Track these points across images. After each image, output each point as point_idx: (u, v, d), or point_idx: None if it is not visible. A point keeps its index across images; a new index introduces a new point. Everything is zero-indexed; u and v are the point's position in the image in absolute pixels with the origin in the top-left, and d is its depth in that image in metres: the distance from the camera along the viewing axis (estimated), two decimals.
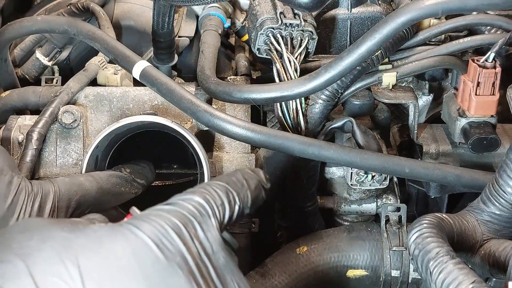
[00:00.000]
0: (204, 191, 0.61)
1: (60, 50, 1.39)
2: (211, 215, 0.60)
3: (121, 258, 0.53)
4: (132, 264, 0.53)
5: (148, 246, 0.54)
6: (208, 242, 0.58)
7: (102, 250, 0.54)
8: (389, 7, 1.21)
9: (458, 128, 1.07)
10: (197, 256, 0.57)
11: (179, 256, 0.55)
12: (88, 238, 0.55)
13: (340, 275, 1.06)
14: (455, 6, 0.84)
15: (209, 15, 1.37)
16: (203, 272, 0.57)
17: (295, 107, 1.04)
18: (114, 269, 0.53)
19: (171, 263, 0.55)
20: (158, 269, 0.54)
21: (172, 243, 0.55)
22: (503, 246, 0.82)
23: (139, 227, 0.56)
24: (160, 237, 0.55)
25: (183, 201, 0.59)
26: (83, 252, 0.53)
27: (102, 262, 0.53)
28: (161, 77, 1.02)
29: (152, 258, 0.54)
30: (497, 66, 1.01)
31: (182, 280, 0.55)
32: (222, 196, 0.62)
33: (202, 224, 0.59)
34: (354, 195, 1.13)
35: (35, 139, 1.05)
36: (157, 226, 0.56)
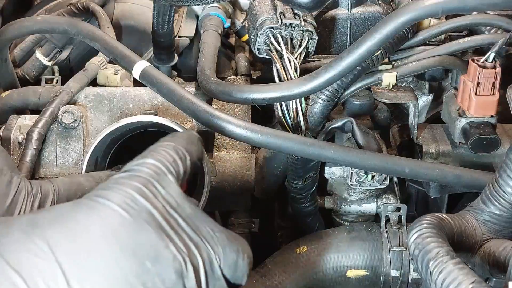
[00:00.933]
0: (154, 153, 0.63)
1: (60, 50, 1.39)
2: (166, 172, 0.61)
3: (88, 225, 0.54)
4: (100, 229, 0.54)
5: (114, 210, 0.55)
6: (170, 196, 0.59)
7: (68, 221, 0.54)
8: (389, 7, 1.21)
9: (458, 128, 1.07)
10: (163, 210, 0.58)
11: (145, 213, 0.56)
12: (53, 214, 0.56)
13: (340, 275, 1.06)
14: (455, 6, 0.84)
15: (209, 15, 1.37)
16: (172, 224, 0.57)
17: (295, 107, 1.03)
18: (83, 236, 0.53)
19: (138, 220, 0.55)
20: (127, 230, 0.55)
21: (136, 203, 0.56)
22: (503, 246, 0.82)
23: (102, 195, 0.57)
24: (123, 199, 0.56)
25: (137, 166, 0.61)
26: (50, 227, 0.53)
27: (69, 232, 0.53)
28: (161, 77, 1.02)
29: (119, 220, 0.55)
30: (497, 66, 1.01)
31: (153, 234, 0.55)
32: (172, 153, 0.63)
33: (161, 182, 0.60)
34: (354, 195, 1.13)
35: (35, 139, 1.05)
36: (119, 191, 0.57)
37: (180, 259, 0.56)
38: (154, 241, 0.55)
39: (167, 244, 0.56)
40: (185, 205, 0.60)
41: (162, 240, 0.56)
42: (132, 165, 0.61)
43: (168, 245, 0.56)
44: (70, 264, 0.51)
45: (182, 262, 0.56)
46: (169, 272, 0.55)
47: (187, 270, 0.56)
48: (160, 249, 0.55)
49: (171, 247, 0.56)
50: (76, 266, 0.51)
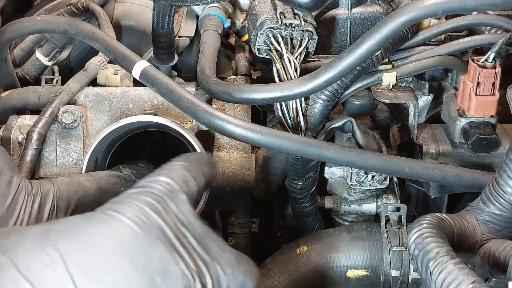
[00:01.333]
0: (167, 172, 0.63)
1: (60, 50, 1.39)
2: (179, 190, 0.61)
3: (100, 238, 0.54)
4: (112, 242, 0.54)
5: (125, 224, 0.56)
6: (182, 214, 0.60)
7: (80, 233, 0.55)
8: (389, 7, 1.21)
9: (458, 128, 1.07)
10: (175, 227, 0.58)
11: (157, 229, 0.56)
12: (66, 225, 0.56)
13: (340, 275, 1.06)
14: (455, 6, 0.84)
15: (209, 15, 1.37)
16: (183, 241, 0.58)
17: (295, 107, 1.03)
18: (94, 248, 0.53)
19: (150, 236, 0.56)
20: (138, 244, 0.55)
21: (149, 218, 0.57)
22: (503, 246, 0.82)
23: (114, 209, 0.57)
24: (136, 214, 0.57)
25: (151, 183, 0.61)
26: (62, 238, 0.54)
27: (82, 244, 0.53)
28: (161, 77, 1.02)
29: (131, 234, 0.55)
30: (497, 66, 1.01)
31: (163, 250, 0.56)
32: (185, 173, 0.64)
33: (174, 199, 0.60)
34: (354, 195, 1.13)
35: (35, 139, 1.05)
36: (132, 205, 0.57)
37: (189, 276, 0.56)
38: (165, 257, 0.55)
39: (177, 260, 0.56)
40: (196, 224, 0.60)
41: (172, 256, 0.56)
42: (145, 182, 0.62)
43: (178, 261, 0.56)
44: (80, 275, 0.51)
45: (191, 279, 0.56)
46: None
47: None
48: (170, 265, 0.55)
49: (180, 264, 0.56)
50: (86, 277, 0.52)
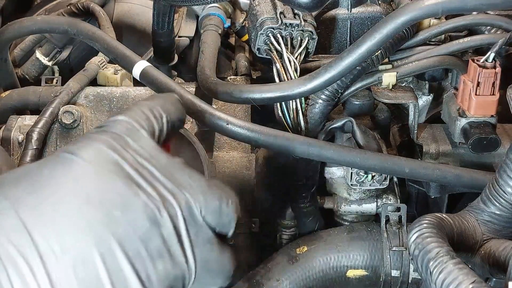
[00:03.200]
0: (126, 111, 0.61)
1: (60, 50, 1.39)
2: (139, 127, 0.59)
3: (51, 178, 0.53)
4: (64, 181, 0.53)
5: (78, 162, 0.54)
6: (142, 149, 0.57)
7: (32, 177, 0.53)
8: (389, 7, 1.21)
9: (458, 128, 1.07)
10: (133, 161, 0.56)
11: (112, 164, 0.55)
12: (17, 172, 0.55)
13: (340, 275, 1.06)
14: (455, 6, 0.84)
15: (209, 15, 1.37)
16: (143, 173, 0.56)
17: (295, 107, 1.04)
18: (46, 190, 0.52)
19: (103, 171, 0.54)
20: (92, 180, 0.53)
21: (102, 155, 0.55)
22: (503, 246, 0.82)
23: (68, 150, 0.55)
24: (89, 152, 0.55)
25: (109, 123, 0.59)
26: (11, 184, 0.53)
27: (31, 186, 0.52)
28: (161, 77, 1.02)
29: (83, 171, 0.54)
30: (497, 66, 1.01)
31: (120, 184, 0.54)
32: (146, 111, 0.61)
33: (132, 136, 0.58)
34: (354, 195, 1.13)
35: (35, 139, 1.05)
36: (86, 145, 0.56)
37: (152, 207, 0.54)
38: (122, 190, 0.54)
39: (137, 192, 0.54)
40: (159, 157, 0.58)
41: (130, 188, 0.54)
42: (104, 122, 0.60)
43: (137, 193, 0.54)
44: (32, 218, 0.50)
45: (156, 210, 0.54)
46: (140, 219, 0.53)
47: (162, 218, 0.54)
48: (129, 197, 0.54)
49: (141, 195, 0.54)
50: (38, 219, 0.50)
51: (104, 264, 0.51)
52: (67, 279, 0.49)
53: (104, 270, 0.51)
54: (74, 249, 0.50)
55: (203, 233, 0.57)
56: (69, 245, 0.50)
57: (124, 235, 0.52)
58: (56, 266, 0.49)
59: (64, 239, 0.50)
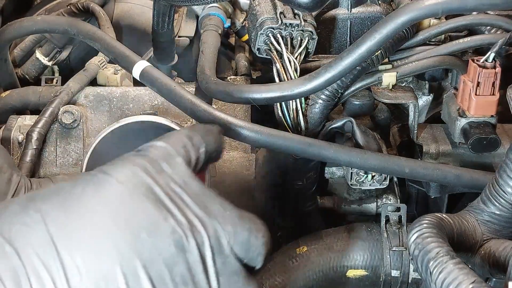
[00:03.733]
0: (164, 138, 0.61)
1: (60, 50, 1.39)
2: (175, 154, 0.59)
3: (83, 197, 0.53)
4: (94, 200, 0.53)
5: (110, 182, 0.54)
6: (176, 175, 0.58)
7: (64, 194, 0.54)
8: (389, 7, 1.21)
9: (458, 128, 1.07)
10: (165, 185, 0.56)
11: (144, 187, 0.55)
12: (51, 189, 0.55)
13: (340, 275, 1.06)
14: (455, 6, 0.84)
15: (209, 15, 1.37)
16: (174, 199, 0.56)
17: (295, 107, 1.03)
18: (76, 207, 0.53)
19: (136, 193, 0.54)
20: (122, 200, 0.54)
21: (136, 177, 0.55)
22: (503, 246, 0.82)
23: (102, 170, 0.56)
24: (123, 173, 0.55)
25: (147, 147, 0.60)
26: (45, 199, 0.53)
27: (64, 204, 0.53)
28: (161, 77, 1.02)
29: (115, 191, 0.54)
30: (497, 66, 1.01)
31: (150, 206, 0.54)
32: (184, 139, 0.62)
33: (168, 161, 0.58)
34: (354, 195, 1.13)
35: (35, 139, 1.05)
36: (120, 166, 0.56)
37: (180, 232, 0.54)
38: (151, 213, 0.54)
39: (166, 216, 0.54)
40: (192, 184, 0.58)
41: (159, 212, 0.54)
42: (142, 146, 0.60)
43: (167, 217, 0.54)
44: (60, 233, 0.51)
45: (183, 236, 0.54)
46: (166, 244, 0.53)
47: (189, 244, 0.54)
48: (158, 221, 0.53)
49: (170, 220, 0.54)
50: (66, 234, 0.51)
51: (126, 285, 0.51)
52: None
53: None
54: (98, 267, 0.50)
55: (230, 264, 0.57)
56: (93, 263, 0.50)
57: (149, 258, 0.52)
58: (79, 282, 0.50)
59: (89, 256, 0.51)
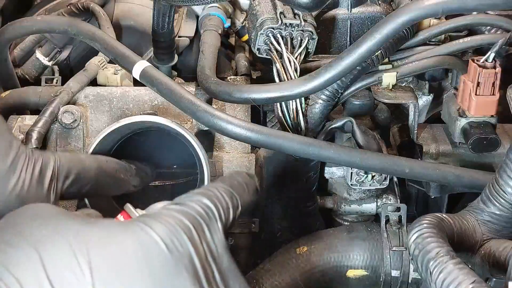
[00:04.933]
0: (211, 194, 0.62)
1: (60, 50, 1.39)
2: (217, 218, 0.61)
3: (131, 255, 0.54)
4: (141, 262, 0.54)
5: (158, 245, 0.55)
6: (214, 244, 0.59)
7: (113, 245, 0.54)
8: (389, 7, 1.21)
9: (458, 128, 1.07)
10: (204, 258, 0.57)
11: (187, 258, 0.56)
12: (100, 232, 0.55)
13: (340, 275, 1.06)
14: (455, 6, 0.84)
15: (209, 15, 1.37)
16: (208, 275, 0.57)
17: (295, 107, 1.04)
18: (123, 265, 0.53)
19: (178, 264, 0.55)
20: (165, 269, 0.54)
21: (182, 244, 0.56)
22: (503, 246, 0.82)
23: (151, 225, 0.56)
24: (171, 237, 0.56)
25: (192, 202, 0.60)
26: (94, 247, 0.53)
27: (112, 258, 0.53)
28: (161, 77, 1.02)
29: (161, 258, 0.55)
30: (497, 66, 1.01)
31: (188, 281, 0.55)
32: (228, 200, 0.63)
33: (210, 226, 0.59)
34: (354, 195, 1.13)
35: (35, 139, 1.05)
36: (169, 226, 0.57)
37: None
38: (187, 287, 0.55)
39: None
40: (224, 258, 0.60)
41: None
42: (187, 199, 0.61)
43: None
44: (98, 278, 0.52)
45: None
46: None
47: None
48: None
49: None
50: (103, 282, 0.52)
51: None
52: None
53: None
54: None
55: None
56: None
57: None
58: None
59: None
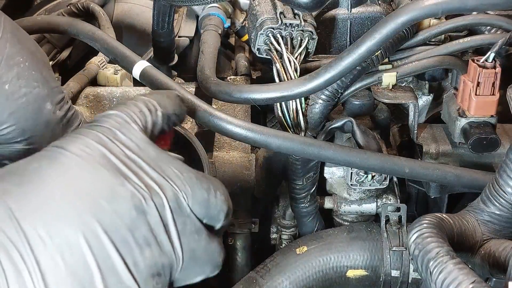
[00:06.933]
0: (120, 106, 0.62)
1: (60, 50, 1.39)
2: (130, 121, 0.60)
3: (40, 171, 0.55)
4: (51, 173, 0.54)
5: (65, 155, 0.56)
6: (131, 142, 0.59)
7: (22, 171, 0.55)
8: (389, 7, 1.21)
9: (458, 128, 1.07)
10: (120, 153, 0.57)
11: (100, 156, 0.56)
12: (8, 167, 0.56)
13: (340, 275, 1.06)
14: (455, 6, 0.84)
15: (209, 15, 1.37)
16: (130, 165, 0.57)
17: (295, 107, 1.04)
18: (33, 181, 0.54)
19: (91, 163, 0.56)
20: (78, 170, 0.55)
21: (92, 149, 0.56)
22: (503, 246, 0.82)
23: (59, 145, 0.57)
24: (78, 146, 0.56)
25: (101, 117, 0.61)
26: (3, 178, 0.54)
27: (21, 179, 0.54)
28: (161, 77, 1.02)
29: (70, 163, 0.55)
30: (497, 66, 1.01)
31: (106, 174, 0.55)
32: (140, 105, 0.63)
33: (122, 129, 0.59)
34: (354, 195, 1.13)
35: None
36: (75, 139, 0.57)
37: (139, 196, 0.55)
38: (109, 180, 0.55)
39: (123, 182, 0.55)
40: (149, 149, 0.59)
41: (117, 178, 0.55)
42: (96, 117, 0.61)
43: (124, 183, 0.55)
44: (20, 208, 0.52)
45: (142, 199, 0.55)
46: (127, 208, 0.55)
47: (149, 207, 0.56)
48: (116, 187, 0.55)
49: (127, 185, 0.55)
50: (26, 208, 0.52)
51: (91, 251, 0.52)
52: (56, 264, 0.51)
53: (91, 256, 0.52)
54: (61, 236, 0.52)
55: (191, 223, 0.59)
56: (55, 232, 0.52)
57: (110, 224, 0.54)
58: (44, 252, 0.51)
59: (51, 226, 0.52)
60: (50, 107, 0.74)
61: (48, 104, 0.74)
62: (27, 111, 0.72)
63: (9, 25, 0.72)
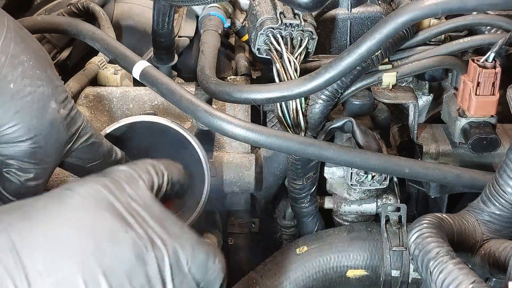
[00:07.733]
0: (129, 164, 0.64)
1: (60, 50, 1.39)
2: (138, 178, 0.62)
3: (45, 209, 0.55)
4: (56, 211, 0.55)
5: (73, 197, 0.56)
6: (138, 196, 0.60)
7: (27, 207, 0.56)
8: (389, 7, 1.21)
9: (458, 128, 1.07)
10: (126, 203, 0.58)
11: (106, 202, 0.57)
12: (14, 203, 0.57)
13: (340, 275, 1.06)
14: (455, 6, 0.84)
15: (209, 15, 1.37)
16: (135, 216, 0.58)
17: (295, 107, 1.04)
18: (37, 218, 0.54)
19: (97, 207, 0.56)
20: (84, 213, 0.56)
21: (98, 193, 0.57)
22: (503, 246, 0.82)
23: (66, 187, 0.58)
24: (84, 189, 0.57)
25: (110, 170, 0.62)
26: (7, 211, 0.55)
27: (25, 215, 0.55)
28: (161, 77, 1.02)
29: (77, 204, 0.56)
30: (497, 66, 1.01)
31: (111, 219, 0.56)
32: (148, 167, 0.64)
33: (130, 184, 0.60)
34: (354, 195, 1.13)
35: None
36: (84, 184, 0.58)
37: (140, 245, 0.56)
38: (112, 225, 0.56)
39: (126, 229, 0.56)
40: (154, 207, 0.60)
41: (121, 224, 0.56)
42: (106, 169, 0.62)
43: (127, 230, 0.56)
44: (21, 240, 0.52)
45: (143, 249, 0.56)
46: (128, 254, 0.55)
47: (149, 257, 0.56)
48: (119, 232, 0.55)
49: (130, 232, 0.56)
50: (27, 242, 0.52)
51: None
52: None
53: None
54: (59, 273, 0.52)
55: (188, 283, 0.59)
56: (55, 269, 0.52)
57: (110, 267, 0.54)
58: (41, 285, 0.51)
59: (51, 262, 0.52)
60: (54, 106, 0.74)
61: (53, 102, 0.74)
62: (32, 110, 0.72)
63: (13, 25, 0.72)
